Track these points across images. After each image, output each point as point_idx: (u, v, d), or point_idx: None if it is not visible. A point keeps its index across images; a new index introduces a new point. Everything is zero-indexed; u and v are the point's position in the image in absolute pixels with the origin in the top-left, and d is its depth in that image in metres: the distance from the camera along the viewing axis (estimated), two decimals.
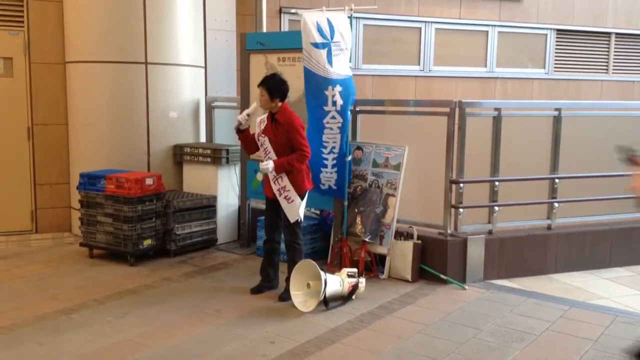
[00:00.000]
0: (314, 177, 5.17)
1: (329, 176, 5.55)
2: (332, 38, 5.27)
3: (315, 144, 5.30)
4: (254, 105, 4.98)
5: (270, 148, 4.78)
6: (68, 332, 4.19)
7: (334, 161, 5.50)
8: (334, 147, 5.45)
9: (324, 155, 5.46)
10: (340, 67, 5.32)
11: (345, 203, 5.64)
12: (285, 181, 4.76)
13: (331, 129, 5.38)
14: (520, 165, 5.86)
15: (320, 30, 5.23)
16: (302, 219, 4.92)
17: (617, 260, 6.15)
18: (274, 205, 4.89)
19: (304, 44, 5.26)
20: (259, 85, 4.78)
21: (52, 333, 4.17)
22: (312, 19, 5.24)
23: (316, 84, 5.29)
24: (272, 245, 5.04)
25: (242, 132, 4.90)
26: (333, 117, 5.34)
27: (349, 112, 5.46)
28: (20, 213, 6.88)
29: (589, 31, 10.93)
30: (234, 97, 7.20)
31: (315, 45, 5.23)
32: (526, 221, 5.96)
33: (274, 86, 4.71)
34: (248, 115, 4.84)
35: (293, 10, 5.73)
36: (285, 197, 4.77)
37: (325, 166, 5.51)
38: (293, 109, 4.96)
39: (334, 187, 5.60)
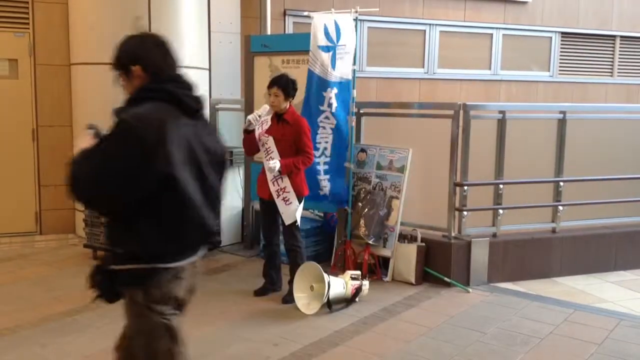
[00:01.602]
0: (311, 180, 5.16)
1: (324, 183, 5.52)
2: (338, 41, 5.29)
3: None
4: (265, 106, 4.97)
5: (273, 148, 4.76)
6: (72, 334, 4.19)
7: (326, 166, 5.49)
8: (325, 149, 5.45)
9: (316, 160, 5.41)
10: (342, 70, 5.35)
11: (349, 209, 5.64)
12: (285, 182, 4.75)
13: (324, 127, 5.40)
14: (525, 168, 5.84)
15: (326, 34, 5.25)
16: (299, 222, 4.90)
17: (622, 264, 6.13)
18: (269, 208, 4.88)
19: (312, 47, 5.27)
20: (270, 87, 4.75)
21: (55, 335, 4.18)
22: (320, 22, 5.27)
23: (317, 85, 5.32)
24: (272, 249, 5.05)
25: (250, 133, 4.90)
26: (327, 117, 5.38)
27: (346, 116, 5.47)
28: (24, 214, 6.89)
29: (594, 34, 10.89)
30: (238, 99, 7.20)
31: (321, 48, 5.25)
32: (530, 224, 5.95)
33: (288, 85, 4.72)
34: (259, 115, 4.84)
35: (305, 14, 5.73)
36: (283, 199, 4.76)
37: (319, 172, 5.46)
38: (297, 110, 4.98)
39: (329, 196, 5.56)
